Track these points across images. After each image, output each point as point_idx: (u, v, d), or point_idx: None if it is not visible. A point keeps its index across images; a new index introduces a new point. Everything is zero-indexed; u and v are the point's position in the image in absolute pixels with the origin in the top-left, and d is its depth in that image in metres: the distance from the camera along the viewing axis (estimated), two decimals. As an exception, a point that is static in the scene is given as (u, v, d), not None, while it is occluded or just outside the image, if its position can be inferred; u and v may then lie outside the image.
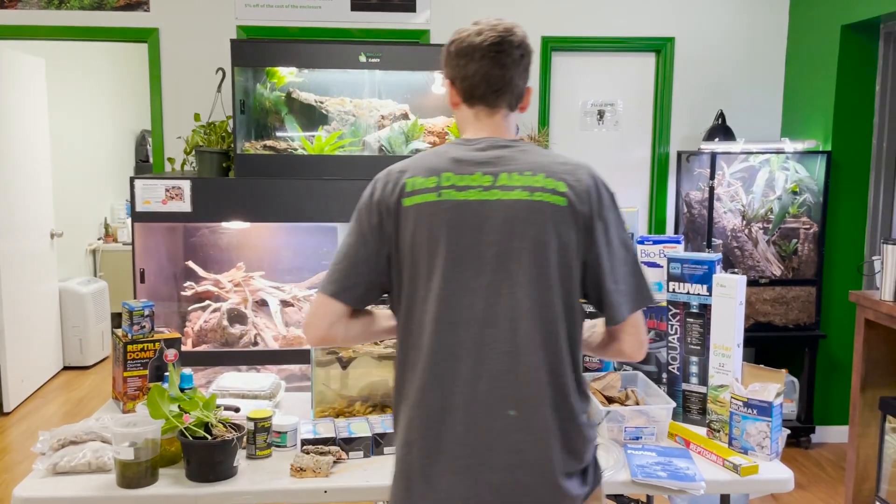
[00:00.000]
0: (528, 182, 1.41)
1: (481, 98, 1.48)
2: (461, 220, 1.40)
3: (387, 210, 1.43)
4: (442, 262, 1.39)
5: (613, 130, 4.44)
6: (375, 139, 3.42)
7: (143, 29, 4.07)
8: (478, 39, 1.47)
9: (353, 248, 1.47)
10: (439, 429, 1.39)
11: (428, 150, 1.51)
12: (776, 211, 4.08)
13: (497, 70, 1.46)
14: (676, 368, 2.15)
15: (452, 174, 1.42)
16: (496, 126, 1.51)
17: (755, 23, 4.37)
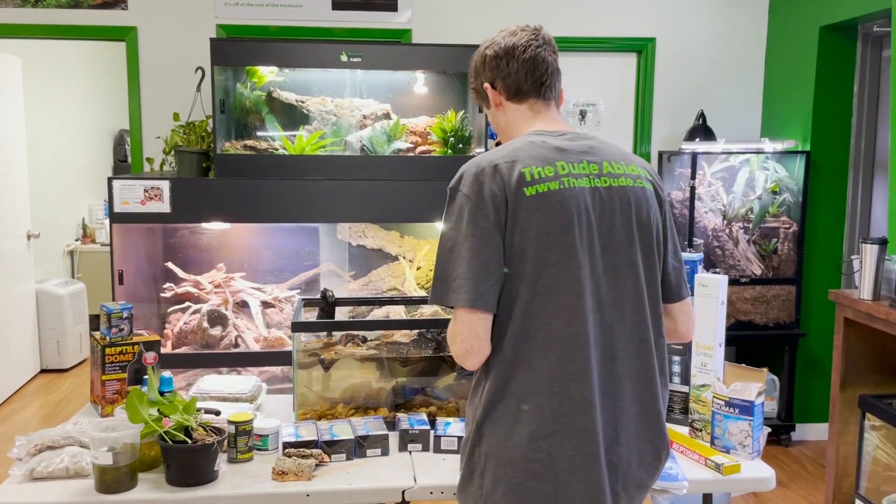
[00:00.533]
0: (625, 170, 1.50)
1: (531, 91, 1.56)
2: (585, 206, 1.43)
3: (503, 202, 1.41)
4: (573, 250, 1.41)
5: (595, 130, 4.45)
6: (357, 139, 3.40)
7: (121, 27, 4.02)
8: (514, 39, 1.56)
9: (476, 250, 1.40)
10: (587, 415, 1.41)
11: (514, 142, 1.50)
12: (756, 210, 4.11)
13: (541, 64, 1.55)
14: (659, 368, 2.15)
15: (565, 163, 1.46)
16: (558, 118, 1.59)
17: (735, 23, 4.40)
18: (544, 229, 1.40)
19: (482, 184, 1.42)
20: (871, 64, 4.04)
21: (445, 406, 2.15)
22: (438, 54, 3.38)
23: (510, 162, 1.43)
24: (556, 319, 1.41)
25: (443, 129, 3.39)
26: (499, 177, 1.41)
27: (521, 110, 1.57)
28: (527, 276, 1.41)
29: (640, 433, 1.48)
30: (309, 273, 3.55)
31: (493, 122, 1.64)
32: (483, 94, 1.61)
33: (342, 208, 3.20)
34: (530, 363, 1.42)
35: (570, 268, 1.41)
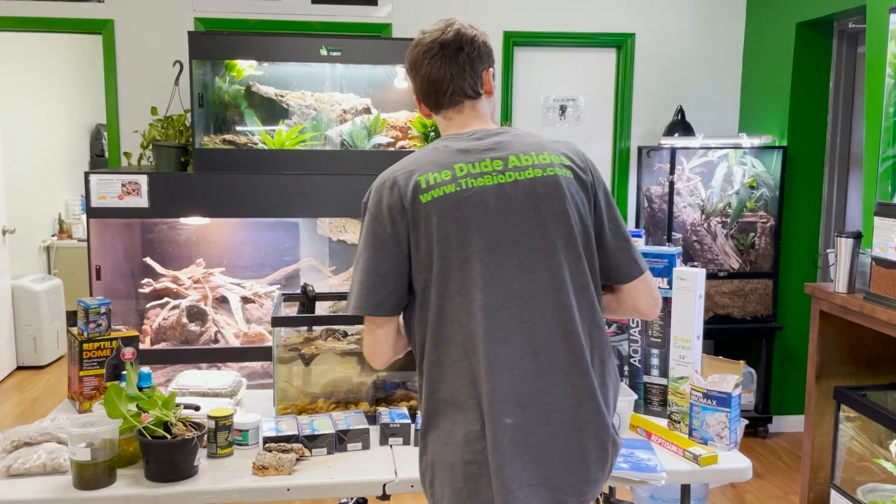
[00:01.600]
0: (535, 160, 1.48)
1: (436, 106, 1.56)
2: (486, 204, 1.43)
3: (400, 213, 1.44)
4: (476, 250, 1.42)
5: (575, 125, 4.47)
6: (337, 133, 3.39)
7: (97, 20, 3.97)
8: (414, 53, 1.56)
9: (374, 261, 1.46)
10: (509, 414, 1.40)
11: (420, 151, 1.53)
12: (734, 205, 4.15)
13: (437, 80, 1.53)
14: (638, 361, 2.17)
15: (465, 164, 1.46)
16: (473, 117, 1.56)
17: (713, 20, 4.44)
18: (443, 232, 1.42)
19: (381, 197, 1.46)
20: (846, 60, 4.09)
21: (426, 400, 2.15)
22: (419, 49, 3.37)
23: (408, 172, 1.46)
24: (469, 320, 1.42)
25: (423, 123, 3.39)
26: (396, 189, 1.45)
27: (439, 120, 1.59)
28: (435, 281, 1.43)
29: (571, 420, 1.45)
30: (289, 268, 3.54)
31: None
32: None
33: (322, 203, 3.19)
34: (454, 366, 1.43)
35: (475, 267, 1.42)
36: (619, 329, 2.28)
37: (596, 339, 1.49)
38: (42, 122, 6.25)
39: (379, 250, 1.45)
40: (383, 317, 1.48)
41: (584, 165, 1.54)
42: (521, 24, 4.26)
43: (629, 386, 2.16)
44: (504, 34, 4.23)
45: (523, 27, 4.27)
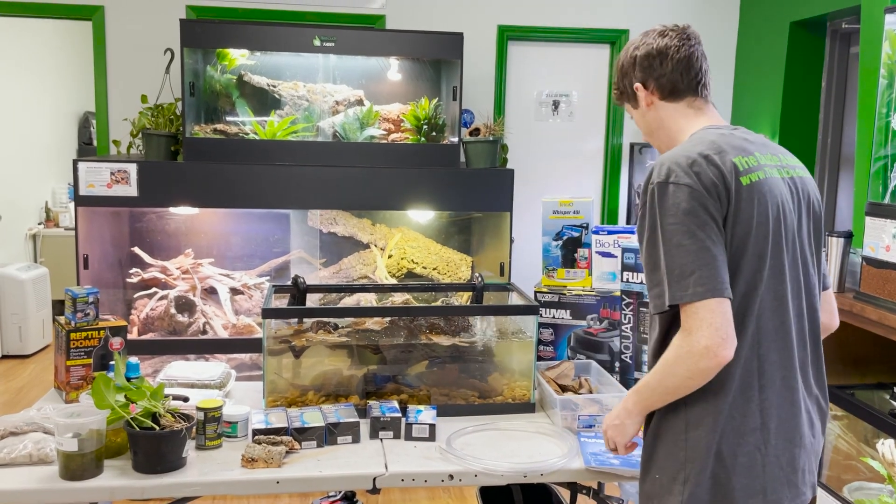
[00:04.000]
0: (796, 163, 1.54)
1: (687, 90, 1.56)
2: (781, 196, 1.44)
3: (725, 192, 1.38)
4: (778, 239, 1.42)
5: (568, 121, 4.46)
6: (329, 125, 3.37)
7: (87, 6, 3.92)
8: (666, 39, 1.56)
9: (706, 242, 1.35)
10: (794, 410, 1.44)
11: (706, 135, 1.48)
12: (725, 203, 4.15)
13: (696, 63, 1.56)
14: (629, 357, 2.17)
15: (759, 154, 1.46)
16: (718, 115, 1.60)
17: (706, 18, 4.44)
18: (760, 219, 1.40)
19: (699, 174, 1.38)
20: (839, 60, 4.10)
21: (417, 394, 2.14)
22: (412, 41, 3.36)
23: (720, 152, 1.41)
24: (765, 309, 1.42)
25: (416, 116, 3.37)
26: (715, 167, 1.39)
27: (678, 108, 1.57)
28: (745, 269, 1.40)
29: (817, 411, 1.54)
30: (279, 260, 3.51)
31: (641, 121, 1.64)
32: (631, 94, 1.61)
33: (313, 195, 3.17)
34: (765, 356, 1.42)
35: (780, 258, 1.42)
36: (611, 325, 2.28)
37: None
38: (29, 110, 6.18)
39: (708, 226, 1.36)
40: (730, 298, 1.36)
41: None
42: (516, 19, 4.25)
43: (620, 382, 2.16)
44: (498, 28, 4.22)
45: (517, 21, 4.25)
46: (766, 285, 1.41)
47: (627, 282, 2.14)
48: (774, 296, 1.42)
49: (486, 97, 4.25)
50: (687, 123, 1.56)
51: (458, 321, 2.23)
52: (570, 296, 2.32)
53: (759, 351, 1.41)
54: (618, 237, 2.30)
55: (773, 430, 1.41)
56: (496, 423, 2.04)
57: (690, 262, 1.34)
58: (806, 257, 1.49)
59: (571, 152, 4.48)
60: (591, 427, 1.99)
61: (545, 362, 2.24)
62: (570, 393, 2.09)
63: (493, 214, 3.42)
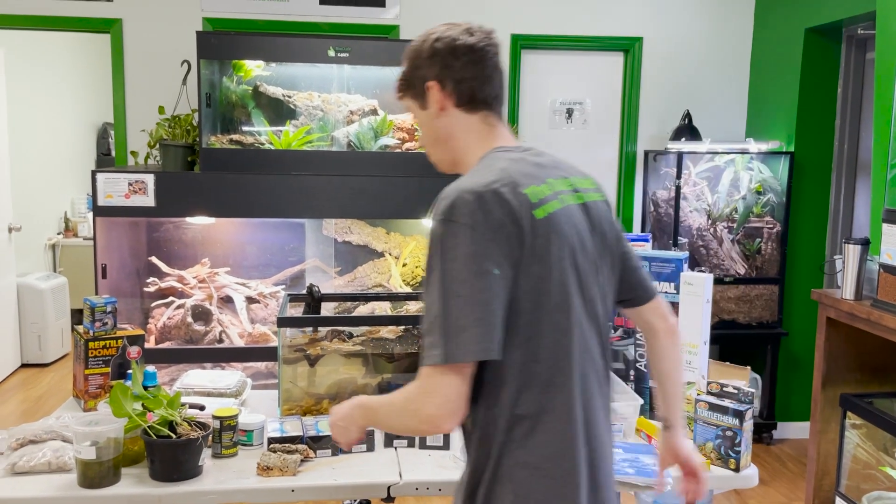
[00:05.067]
0: (588, 184, 1.41)
1: (484, 103, 1.38)
2: (579, 226, 1.32)
3: (516, 232, 1.22)
4: (577, 275, 1.29)
5: (582, 129, 4.46)
6: (344, 134, 3.39)
7: (105, 19, 3.98)
8: (473, 39, 1.37)
9: (481, 287, 1.18)
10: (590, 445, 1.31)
11: (496, 161, 1.32)
12: (740, 210, 4.14)
13: (497, 75, 1.39)
14: (644, 366, 2.16)
15: (553, 179, 1.32)
16: (512, 134, 1.44)
17: (721, 25, 4.43)
18: (560, 254, 1.26)
19: (487, 213, 1.20)
20: (855, 66, 4.08)
21: (431, 402, 2.14)
22: (426, 50, 3.37)
23: (510, 184, 1.24)
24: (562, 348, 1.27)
25: (430, 125, 3.38)
26: (503, 203, 1.21)
27: (471, 121, 1.37)
28: (550, 310, 1.25)
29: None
30: (294, 269, 3.53)
31: (426, 126, 1.42)
32: (420, 91, 1.39)
33: (328, 204, 3.19)
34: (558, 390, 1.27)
35: (575, 290, 1.28)
36: (626, 333, 2.27)
37: None
38: (49, 121, 6.26)
39: (488, 273, 1.18)
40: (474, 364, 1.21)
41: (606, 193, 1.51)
42: (529, 27, 4.26)
43: (635, 391, 2.15)
44: (512, 37, 4.23)
45: (531, 30, 4.26)
46: (571, 326, 1.27)
47: (642, 290, 2.14)
48: (581, 337, 1.29)
49: (500, 106, 4.25)
50: (477, 142, 1.38)
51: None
52: (585, 304, 2.31)
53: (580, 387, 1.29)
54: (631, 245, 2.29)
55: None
56: (510, 431, 2.03)
57: (464, 316, 1.17)
58: (605, 290, 1.37)
59: (585, 160, 4.48)
60: (606, 436, 1.98)
61: (559, 371, 2.24)
62: (584, 401, 2.09)
63: (507, 223, 3.41)
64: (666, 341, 1.56)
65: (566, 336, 1.27)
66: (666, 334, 1.56)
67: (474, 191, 1.22)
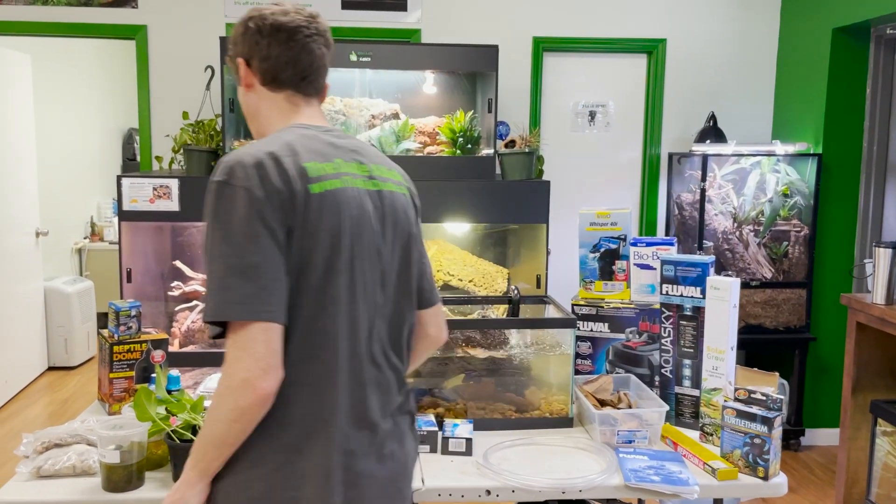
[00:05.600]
0: (389, 175, 1.43)
1: (290, 82, 1.40)
2: (361, 209, 1.33)
3: (290, 200, 1.23)
4: (348, 257, 1.29)
5: (605, 132, 4.43)
6: (366, 139, 3.39)
7: (130, 26, 4.02)
8: (283, 20, 1.38)
9: (256, 257, 1.19)
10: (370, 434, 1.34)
11: (284, 134, 1.33)
12: (767, 213, 4.08)
13: (306, 55, 1.39)
14: (669, 371, 2.13)
15: (343, 161, 1.34)
16: (317, 116, 1.44)
17: (747, 25, 4.38)
18: (329, 232, 1.26)
19: (263, 178, 1.22)
20: (884, 66, 4.01)
21: (454, 407, 2.13)
22: (447, 54, 3.37)
23: (292, 154, 1.27)
24: (337, 332, 1.28)
25: (452, 129, 3.38)
26: (283, 171, 1.24)
27: (276, 100, 1.40)
28: (311, 287, 1.25)
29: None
30: (317, 273, 3.53)
31: (241, 100, 1.46)
32: (234, 67, 1.44)
33: (350, 208, 3.19)
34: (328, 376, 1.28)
35: (346, 277, 1.29)
36: (650, 338, 2.24)
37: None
38: (75, 127, 6.35)
39: (262, 239, 1.20)
40: (282, 323, 1.23)
41: (415, 190, 1.53)
42: (551, 30, 4.24)
43: (660, 397, 2.12)
44: (534, 39, 4.21)
45: (553, 32, 4.24)
46: (339, 306, 1.27)
47: (667, 294, 2.11)
48: (349, 318, 1.29)
49: (522, 109, 4.24)
50: (279, 118, 1.40)
51: (494, 334, 2.22)
52: (608, 308, 2.29)
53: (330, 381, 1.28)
54: (656, 249, 2.27)
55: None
56: (533, 437, 2.01)
57: (236, 278, 1.18)
58: (390, 277, 1.38)
59: (608, 163, 4.45)
60: (631, 443, 1.96)
61: (583, 376, 2.22)
62: (608, 407, 2.06)
63: (530, 226, 3.40)
64: (425, 350, 1.58)
65: (325, 312, 1.26)
66: (431, 344, 1.57)
67: (253, 156, 1.24)
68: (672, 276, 2.09)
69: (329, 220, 1.27)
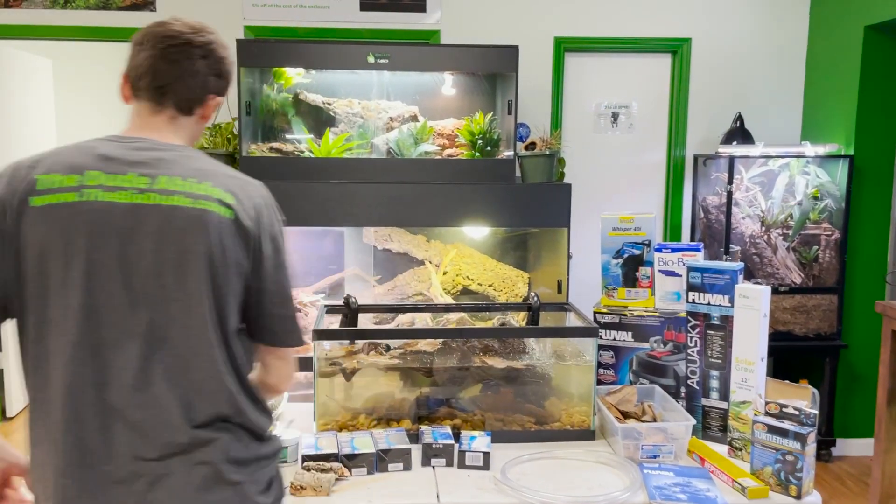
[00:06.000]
0: (192, 189, 1.28)
1: (145, 92, 1.36)
2: (107, 224, 1.24)
3: (10, 209, 1.24)
4: (81, 275, 1.23)
5: (628, 133, 4.34)
6: (384, 141, 3.34)
7: (149, 29, 4.00)
8: (160, 29, 1.36)
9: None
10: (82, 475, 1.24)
11: (70, 144, 1.34)
12: (796, 217, 3.97)
13: (164, 64, 1.34)
14: (696, 383, 2.05)
15: (101, 173, 1.27)
16: (159, 128, 1.38)
17: (775, 22, 4.27)
18: (47, 248, 1.23)
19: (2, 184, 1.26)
20: (918, 65, 3.88)
21: (471, 419, 2.06)
22: (466, 55, 3.31)
23: (34, 165, 1.27)
24: (58, 358, 1.23)
25: (471, 131, 3.31)
26: (16, 181, 1.25)
27: (135, 109, 1.39)
28: (30, 307, 1.24)
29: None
30: (334, 277, 3.49)
31: None
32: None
33: (368, 212, 3.14)
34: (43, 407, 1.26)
35: (77, 297, 1.22)
36: (676, 348, 2.16)
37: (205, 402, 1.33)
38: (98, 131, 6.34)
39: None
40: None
41: (256, 213, 1.34)
42: (573, 30, 4.16)
43: (686, 409, 2.04)
44: (555, 39, 4.13)
45: (575, 32, 4.16)
46: (58, 327, 1.23)
47: (693, 302, 2.02)
48: (72, 342, 1.23)
49: (543, 110, 4.16)
50: (127, 128, 1.39)
51: (513, 343, 2.15)
52: (632, 317, 2.21)
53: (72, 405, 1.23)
54: (682, 255, 2.19)
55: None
56: (553, 451, 1.94)
57: None
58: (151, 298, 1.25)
59: (632, 165, 4.35)
60: (656, 458, 1.88)
61: (605, 387, 2.14)
62: (632, 420, 1.98)
63: (551, 230, 3.33)
64: (266, 394, 1.44)
65: (43, 333, 1.24)
66: (268, 391, 1.44)
67: (11, 164, 1.29)
68: (699, 284, 2.01)
69: (44, 234, 1.23)
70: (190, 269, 1.26)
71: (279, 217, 1.43)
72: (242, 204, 1.32)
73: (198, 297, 1.27)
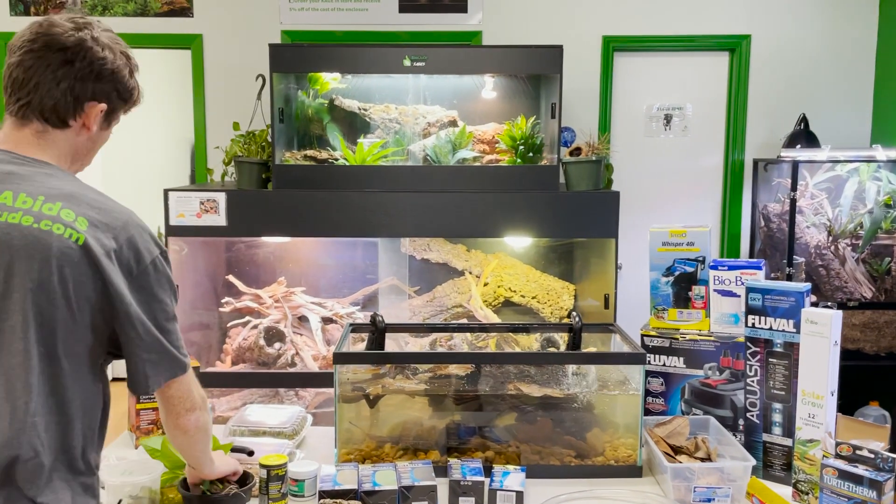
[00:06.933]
0: (38, 208, 1.18)
1: (9, 105, 1.26)
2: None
3: None
4: None
5: (682, 136, 4.12)
6: (420, 148, 3.20)
7: (186, 35, 3.96)
8: (24, 32, 1.26)
9: None
10: None
11: None
12: (866, 226, 3.72)
13: (20, 73, 1.24)
14: (756, 416, 1.84)
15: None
16: (23, 142, 1.26)
17: (841, 18, 4.01)
18: None
19: None
20: None
21: (505, 450, 1.90)
22: (507, 56, 3.14)
23: None
24: None
25: (512, 136, 3.15)
26: None
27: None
28: None
29: None
30: (370, 288, 3.37)
31: None
32: None
33: (405, 222, 3.01)
34: None
35: None
36: (733, 376, 1.96)
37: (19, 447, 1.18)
38: (141, 138, 6.39)
39: None
40: None
41: (116, 244, 1.22)
42: (622, 28, 3.96)
43: (744, 445, 1.83)
44: (603, 39, 3.94)
45: (624, 31, 3.97)
46: None
47: (753, 326, 1.82)
48: None
49: (590, 113, 3.98)
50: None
51: (551, 367, 1.98)
52: (684, 341, 2.02)
53: None
54: (740, 273, 1.98)
55: None
56: (595, 490, 1.76)
57: None
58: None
59: (686, 171, 4.13)
60: (710, 501, 1.68)
61: (654, 417, 1.95)
62: (684, 456, 1.79)
63: (597, 240, 3.14)
64: (171, 433, 1.38)
65: None
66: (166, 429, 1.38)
67: None
68: (759, 307, 1.80)
69: None
70: (11, 295, 1.16)
71: (154, 249, 1.28)
72: (98, 232, 1.21)
73: (21, 329, 1.16)
